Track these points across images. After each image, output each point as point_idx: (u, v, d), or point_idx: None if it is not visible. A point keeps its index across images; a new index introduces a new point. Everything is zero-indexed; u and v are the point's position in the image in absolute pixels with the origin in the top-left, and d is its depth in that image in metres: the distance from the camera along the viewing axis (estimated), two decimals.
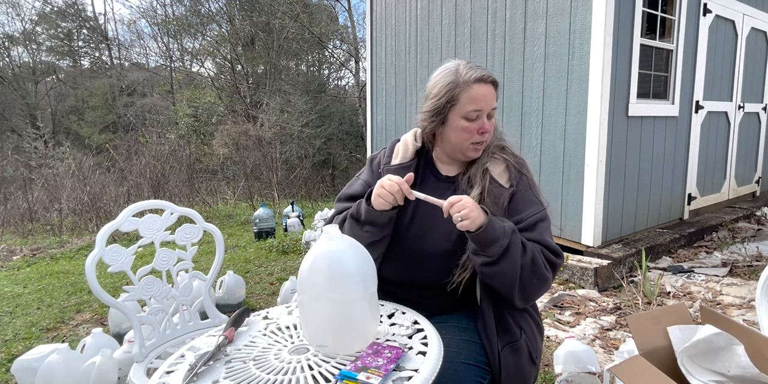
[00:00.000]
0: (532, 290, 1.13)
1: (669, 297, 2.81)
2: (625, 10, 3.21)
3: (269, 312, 1.21)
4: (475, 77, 1.18)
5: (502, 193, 1.21)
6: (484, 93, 1.19)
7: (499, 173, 1.24)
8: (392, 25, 5.47)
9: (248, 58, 15.45)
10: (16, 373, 1.94)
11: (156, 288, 1.64)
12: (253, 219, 4.98)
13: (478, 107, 1.19)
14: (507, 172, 1.25)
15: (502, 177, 1.23)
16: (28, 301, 3.26)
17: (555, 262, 1.16)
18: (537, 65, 3.54)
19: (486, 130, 1.22)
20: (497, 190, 1.21)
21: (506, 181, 1.23)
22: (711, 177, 4.45)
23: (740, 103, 4.64)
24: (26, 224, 6.89)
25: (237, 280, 2.97)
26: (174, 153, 9.88)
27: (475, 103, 1.18)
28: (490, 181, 1.22)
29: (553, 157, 3.49)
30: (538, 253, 1.12)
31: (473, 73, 1.19)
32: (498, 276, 1.10)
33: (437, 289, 1.23)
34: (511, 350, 1.14)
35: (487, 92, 1.20)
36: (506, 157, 1.27)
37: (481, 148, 1.25)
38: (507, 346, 1.14)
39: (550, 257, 1.15)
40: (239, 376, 0.89)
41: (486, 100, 1.19)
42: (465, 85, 1.18)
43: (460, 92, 1.18)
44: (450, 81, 1.20)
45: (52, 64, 19.61)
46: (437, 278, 1.21)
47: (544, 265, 1.12)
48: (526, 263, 1.09)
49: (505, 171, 1.25)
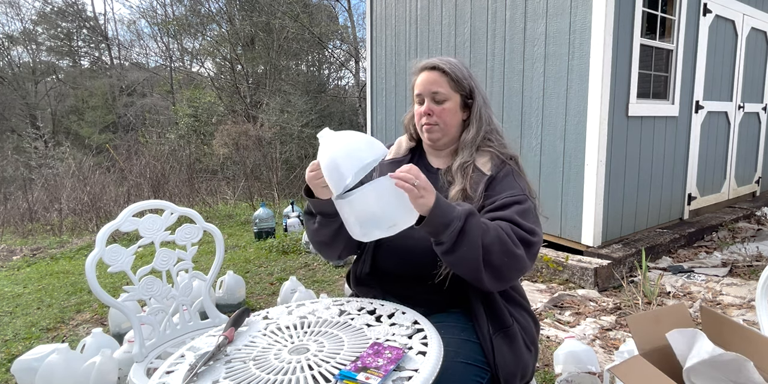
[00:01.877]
0: (504, 270, 1.08)
1: (669, 297, 2.81)
2: (625, 10, 3.21)
3: (269, 312, 1.21)
4: (421, 65, 1.33)
5: (480, 179, 1.23)
6: (425, 78, 1.30)
7: (482, 163, 1.27)
8: (392, 25, 5.47)
9: (248, 58, 15.45)
10: (16, 373, 1.94)
11: (156, 288, 1.64)
12: (253, 219, 4.98)
13: (418, 91, 1.31)
14: (491, 161, 1.27)
15: (485, 166, 1.26)
16: (28, 301, 3.26)
17: (528, 239, 1.10)
18: (537, 65, 3.54)
19: (427, 111, 1.30)
20: (477, 176, 1.24)
21: (488, 169, 1.25)
22: (711, 177, 4.45)
23: (740, 103, 4.64)
24: (26, 224, 6.88)
25: (237, 280, 2.97)
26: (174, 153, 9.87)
27: (417, 87, 1.32)
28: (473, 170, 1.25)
29: (553, 157, 3.49)
30: (507, 231, 1.08)
31: (421, 62, 1.33)
32: (460, 262, 1.06)
33: (430, 283, 1.23)
34: (503, 336, 1.14)
35: (427, 77, 1.30)
36: (491, 149, 1.30)
37: (431, 130, 1.31)
38: (499, 333, 1.14)
39: (521, 234, 1.10)
40: (239, 376, 0.89)
41: (424, 84, 1.30)
42: (415, 72, 1.34)
43: (414, 80, 1.35)
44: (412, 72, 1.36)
45: (52, 64, 19.62)
46: (427, 271, 1.21)
47: (513, 243, 1.07)
48: (491, 242, 1.04)
49: (489, 160, 1.27)
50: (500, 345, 1.13)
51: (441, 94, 1.29)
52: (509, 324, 1.17)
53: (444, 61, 1.30)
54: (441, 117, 1.30)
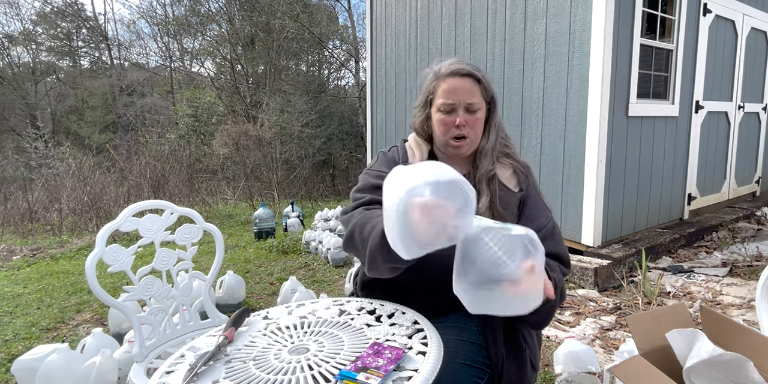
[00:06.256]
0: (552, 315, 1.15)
1: (669, 297, 2.81)
2: (625, 10, 3.21)
3: (269, 312, 1.21)
4: (450, 70, 1.20)
5: (512, 199, 1.20)
6: (456, 85, 1.19)
7: (507, 178, 1.23)
8: (392, 25, 5.47)
9: (248, 58, 15.45)
10: (16, 373, 1.94)
11: (156, 288, 1.64)
12: (253, 219, 4.98)
13: (450, 100, 1.19)
14: (515, 176, 1.24)
15: (510, 181, 1.23)
16: (28, 301, 3.26)
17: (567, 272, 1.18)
18: (537, 65, 3.54)
19: (461, 123, 1.19)
20: (507, 195, 1.20)
21: (515, 185, 1.23)
22: (711, 177, 4.45)
23: (740, 103, 4.64)
24: (26, 224, 6.88)
25: (237, 280, 2.97)
26: (174, 153, 9.87)
27: (447, 96, 1.20)
28: (499, 187, 1.21)
29: (553, 157, 3.49)
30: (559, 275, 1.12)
31: (450, 66, 1.21)
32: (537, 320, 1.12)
33: (439, 290, 1.22)
34: (514, 359, 1.15)
35: (460, 85, 1.19)
36: (512, 162, 1.27)
37: (463, 143, 1.22)
38: (511, 356, 1.15)
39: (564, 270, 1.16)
40: (239, 376, 0.89)
41: (457, 93, 1.19)
42: (441, 77, 1.21)
43: (437, 85, 1.22)
44: (431, 74, 1.24)
45: (52, 64, 19.62)
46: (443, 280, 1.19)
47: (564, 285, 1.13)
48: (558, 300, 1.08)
49: (513, 175, 1.24)
50: (509, 367, 1.14)
51: (476, 104, 1.20)
52: (522, 349, 1.17)
53: (474, 68, 1.21)
54: (474, 128, 1.22)
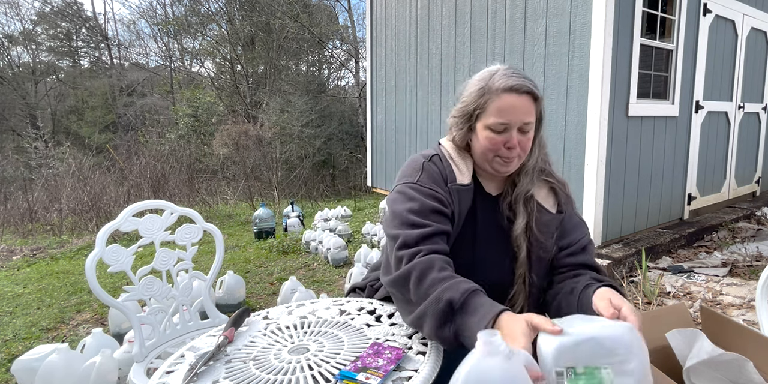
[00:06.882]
0: None
1: (669, 297, 2.81)
2: (625, 10, 3.21)
3: (269, 312, 1.21)
4: (506, 85, 1.05)
5: (552, 221, 1.15)
6: (513, 104, 1.06)
7: (543, 197, 1.17)
8: (392, 25, 5.47)
9: (248, 58, 15.46)
10: (16, 373, 1.94)
11: (156, 288, 1.64)
12: (253, 219, 4.98)
13: (504, 120, 1.06)
14: (552, 194, 1.18)
15: (547, 201, 1.16)
16: (28, 301, 3.26)
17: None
18: (537, 65, 3.54)
19: (513, 144, 1.08)
20: (546, 217, 1.15)
21: (552, 205, 1.17)
22: (711, 177, 4.45)
23: (740, 103, 4.64)
24: (26, 224, 6.88)
25: (237, 280, 2.97)
26: (174, 153, 9.88)
27: (501, 115, 1.06)
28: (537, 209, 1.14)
29: (553, 157, 3.45)
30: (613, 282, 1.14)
31: (506, 80, 1.06)
32: None
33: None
34: None
35: (518, 103, 1.06)
36: (549, 180, 1.19)
37: (510, 163, 1.11)
38: None
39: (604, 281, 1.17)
40: (239, 376, 0.89)
41: (515, 112, 1.06)
42: (495, 92, 1.07)
43: (488, 100, 1.07)
44: (481, 86, 1.09)
45: (52, 64, 19.62)
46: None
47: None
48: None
49: (550, 194, 1.18)
50: None
51: (531, 124, 1.10)
52: None
53: (531, 82, 1.09)
54: (524, 148, 1.11)
